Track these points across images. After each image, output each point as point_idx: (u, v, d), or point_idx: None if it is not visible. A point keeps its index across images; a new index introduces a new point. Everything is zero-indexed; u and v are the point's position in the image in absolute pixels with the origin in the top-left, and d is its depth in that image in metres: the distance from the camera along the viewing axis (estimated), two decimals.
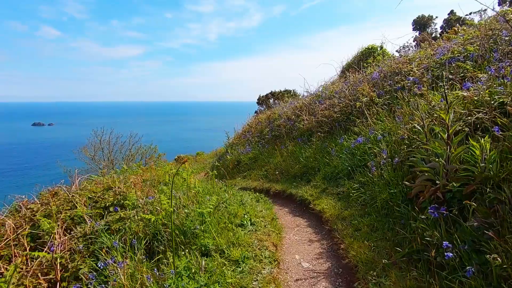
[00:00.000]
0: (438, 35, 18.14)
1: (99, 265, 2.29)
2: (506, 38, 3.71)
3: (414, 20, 27.19)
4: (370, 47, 10.81)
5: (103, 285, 2.15)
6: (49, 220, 2.85)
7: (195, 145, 73.35)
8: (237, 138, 10.23)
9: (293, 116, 7.28)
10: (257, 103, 22.68)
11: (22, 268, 2.34)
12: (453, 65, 3.86)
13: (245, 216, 3.40)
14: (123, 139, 23.17)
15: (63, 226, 2.93)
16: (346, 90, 5.88)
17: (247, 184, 6.06)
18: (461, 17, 20.56)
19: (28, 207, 3.23)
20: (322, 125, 5.45)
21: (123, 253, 2.53)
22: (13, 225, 2.80)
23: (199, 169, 13.51)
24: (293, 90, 22.46)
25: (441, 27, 23.93)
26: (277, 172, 5.42)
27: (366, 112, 4.10)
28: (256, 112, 22.66)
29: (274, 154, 6.57)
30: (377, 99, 4.32)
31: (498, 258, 1.39)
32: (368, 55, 10.69)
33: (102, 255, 2.44)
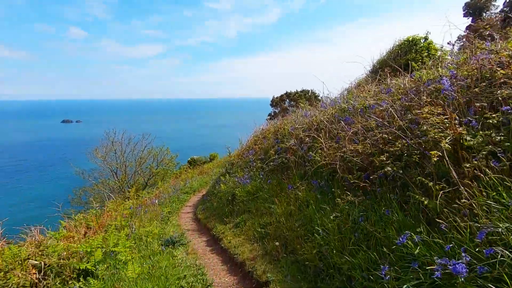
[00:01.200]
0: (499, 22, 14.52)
1: None
2: None
3: (466, 4, 22.13)
4: (410, 39, 8.39)
5: None
6: None
7: (211, 142, 72.87)
8: (239, 155, 8.30)
9: (307, 138, 5.18)
10: (271, 105, 20.51)
11: None
12: None
13: None
14: (136, 140, 21.81)
15: None
16: (389, 105, 3.71)
17: (236, 243, 4.12)
18: None
19: None
20: (352, 168, 3.34)
21: None
22: None
23: (200, 184, 11.72)
24: (311, 91, 20.02)
25: (501, 11, 19.13)
26: (277, 243, 3.40)
27: (454, 175, 1.96)
28: (270, 115, 20.54)
29: (279, 195, 4.55)
30: (468, 140, 2.17)
31: None
32: (407, 50, 8.31)
33: None
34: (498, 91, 2.40)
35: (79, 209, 19.27)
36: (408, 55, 8.22)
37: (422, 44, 8.13)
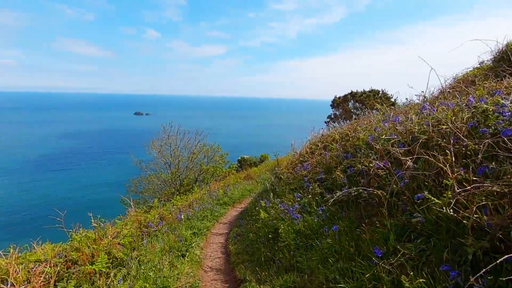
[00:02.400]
0: None
1: None
2: None
3: None
4: None
5: None
6: None
7: (264, 142, 72.34)
8: (289, 167, 6.34)
9: (408, 161, 2.95)
10: (332, 106, 17.82)
11: None
12: None
13: None
14: (190, 135, 21.85)
15: None
16: None
17: None
18: None
19: None
20: None
21: None
22: None
23: (243, 193, 10.08)
24: (382, 91, 16.65)
25: None
26: None
27: None
28: (329, 117, 17.93)
29: (353, 260, 2.51)
30: None
31: None
32: None
33: None
34: None
35: (135, 197, 19.95)
36: None
37: None
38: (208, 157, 21.90)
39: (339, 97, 17.51)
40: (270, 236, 3.93)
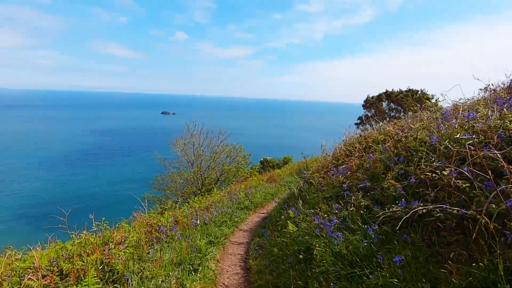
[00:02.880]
0: None
1: None
2: None
3: None
4: None
5: None
6: None
7: (287, 144, 71.23)
8: (321, 170, 5.50)
9: None
10: (364, 106, 16.53)
11: None
12: None
13: None
14: (213, 134, 21.76)
15: None
16: None
17: None
18: None
19: None
20: None
21: None
22: None
23: (265, 197, 9.35)
24: (421, 91, 15.02)
25: None
26: None
27: None
28: (360, 119, 16.62)
29: None
30: None
31: None
32: None
33: None
34: None
35: (157, 194, 20.04)
36: None
37: None
38: (230, 157, 21.53)
39: (372, 97, 16.12)
40: (300, 256, 3.15)
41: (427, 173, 2.94)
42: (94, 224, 3.56)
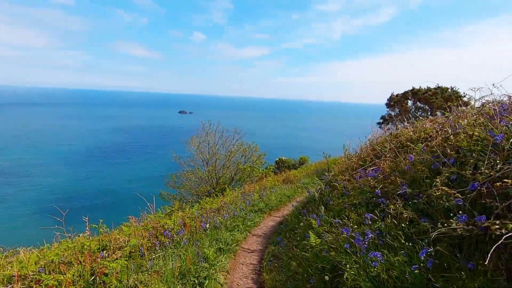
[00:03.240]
0: None
1: None
2: None
3: None
4: None
5: None
6: None
7: (302, 145, 70.12)
8: (347, 173, 4.87)
9: None
10: (387, 104, 15.50)
11: None
12: None
13: None
14: (228, 133, 21.55)
15: None
16: None
17: None
18: None
19: None
20: None
21: None
22: None
23: (281, 199, 8.81)
24: (452, 88, 13.76)
25: None
26: None
27: None
28: (383, 119, 15.51)
29: None
30: None
31: None
32: None
33: None
34: None
35: (172, 192, 20.01)
36: None
37: None
38: (245, 157, 21.14)
39: (397, 95, 14.99)
40: (326, 277, 2.57)
41: (495, 179, 2.29)
42: (87, 227, 3.16)
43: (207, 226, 4.87)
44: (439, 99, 11.77)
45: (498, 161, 2.54)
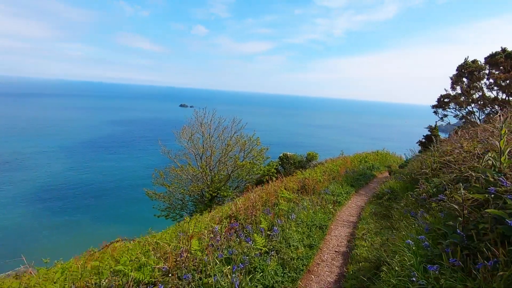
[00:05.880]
0: None
1: None
2: None
3: None
4: None
5: None
6: None
7: (307, 142, 66.56)
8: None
9: None
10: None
11: None
12: None
13: None
14: (225, 124, 18.05)
15: None
16: None
17: None
18: None
19: None
20: None
21: None
22: None
23: (310, 234, 5.16)
24: None
25: None
26: None
27: None
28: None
29: None
30: None
31: None
32: None
33: None
34: None
35: (160, 190, 16.72)
36: None
37: None
38: (244, 151, 17.76)
39: (474, 61, 10.45)
40: None
41: None
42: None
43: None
44: None
45: None
